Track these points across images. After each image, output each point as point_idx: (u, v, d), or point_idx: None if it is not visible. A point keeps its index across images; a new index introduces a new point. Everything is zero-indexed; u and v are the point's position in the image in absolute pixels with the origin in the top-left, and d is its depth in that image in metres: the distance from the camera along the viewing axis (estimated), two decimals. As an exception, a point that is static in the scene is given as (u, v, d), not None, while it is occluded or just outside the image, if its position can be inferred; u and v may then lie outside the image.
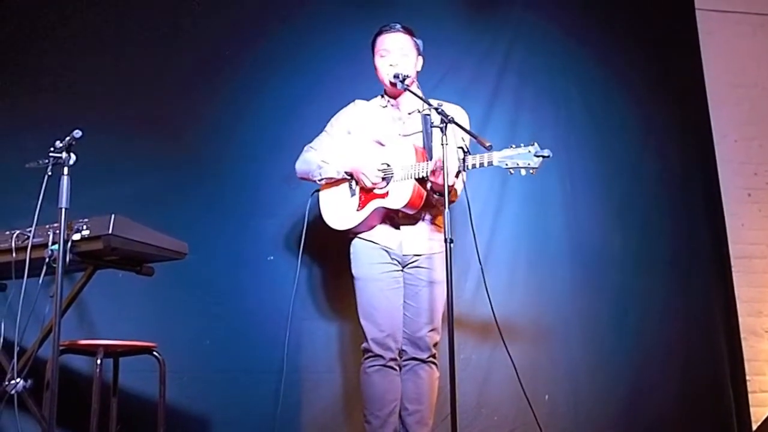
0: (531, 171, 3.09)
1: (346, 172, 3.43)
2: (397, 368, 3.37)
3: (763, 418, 4.29)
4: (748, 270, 4.89)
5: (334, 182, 3.49)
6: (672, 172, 4.85)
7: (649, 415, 4.40)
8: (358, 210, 3.39)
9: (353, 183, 3.44)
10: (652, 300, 4.60)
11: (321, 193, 3.53)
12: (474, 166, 3.13)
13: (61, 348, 2.75)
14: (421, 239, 3.39)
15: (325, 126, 3.59)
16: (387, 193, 3.33)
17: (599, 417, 4.34)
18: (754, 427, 4.42)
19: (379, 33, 3.49)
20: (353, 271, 3.43)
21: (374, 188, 3.36)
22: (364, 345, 3.36)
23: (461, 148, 3.05)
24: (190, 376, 3.75)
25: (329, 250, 3.79)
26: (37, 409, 2.87)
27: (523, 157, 3.08)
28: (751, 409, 4.58)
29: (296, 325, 3.94)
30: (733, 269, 4.81)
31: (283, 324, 3.97)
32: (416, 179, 3.26)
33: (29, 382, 2.72)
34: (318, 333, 4.10)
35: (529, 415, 3.61)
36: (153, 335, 3.34)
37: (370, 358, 3.34)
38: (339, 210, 3.45)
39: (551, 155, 3.07)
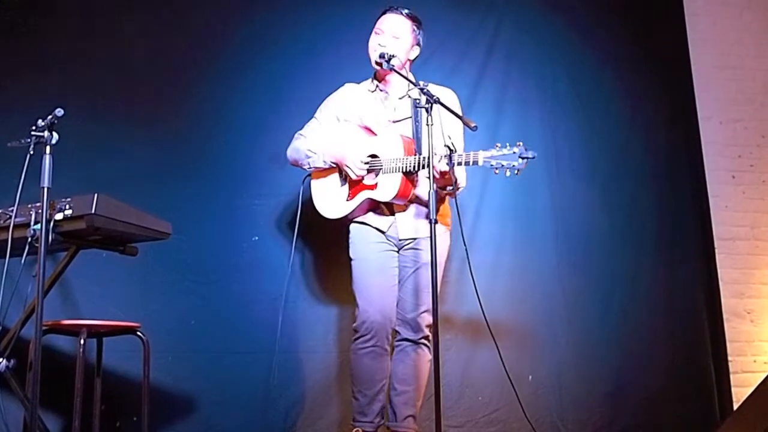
0: (516, 172, 3.11)
1: (332, 163, 3.43)
2: (388, 348, 3.39)
3: (744, 398, 4.33)
4: (732, 251, 4.91)
5: (324, 171, 3.50)
6: (657, 153, 4.87)
7: (633, 395, 4.44)
8: (348, 200, 3.41)
9: (342, 173, 3.45)
10: (636, 281, 4.63)
11: (313, 181, 3.55)
12: (459, 164, 3.15)
13: (44, 328, 2.74)
14: (415, 223, 3.41)
15: (315, 110, 3.58)
16: (376, 185, 3.34)
17: (583, 397, 4.37)
18: (736, 407, 4.46)
19: (383, 12, 3.50)
20: (351, 254, 3.46)
21: (361, 179, 3.37)
22: (357, 323, 3.38)
23: (447, 146, 3.07)
24: (174, 357, 3.75)
25: (320, 233, 3.77)
26: (21, 389, 2.86)
27: (508, 158, 3.11)
28: (733, 390, 4.62)
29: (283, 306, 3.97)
30: (716, 251, 4.83)
31: (269, 304, 4.00)
32: (403, 173, 3.27)
33: (12, 362, 2.72)
34: (306, 314, 4.09)
35: (513, 396, 3.64)
36: (137, 315, 3.33)
37: (361, 339, 3.36)
38: (330, 199, 3.47)
39: (536, 156, 3.10)
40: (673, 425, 4.45)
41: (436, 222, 2.93)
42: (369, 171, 3.37)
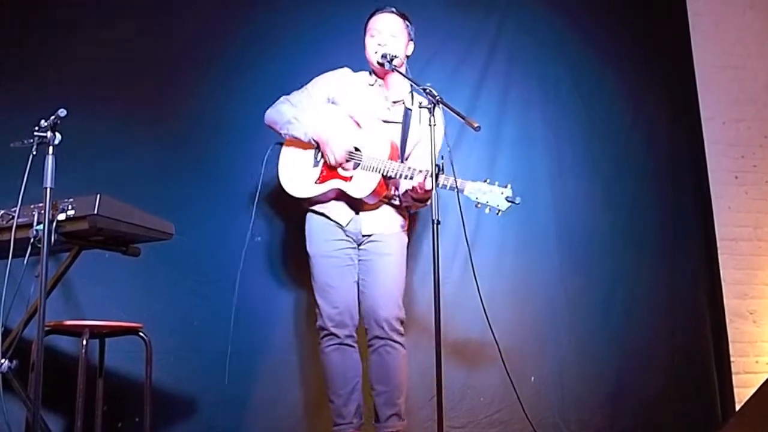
0: (497, 212, 3.14)
1: (313, 139, 3.40)
2: (355, 345, 3.39)
3: (746, 399, 4.32)
4: (734, 252, 4.91)
5: (300, 144, 3.46)
6: (659, 154, 4.86)
7: (635, 395, 4.44)
8: (316, 182, 3.39)
9: (318, 153, 3.43)
10: (638, 282, 4.63)
11: (284, 150, 3.52)
12: (444, 186, 3.14)
13: (46, 328, 2.75)
14: (378, 220, 3.43)
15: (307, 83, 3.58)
16: (350, 177, 3.33)
17: (585, 397, 4.37)
18: (738, 408, 4.45)
19: (372, 14, 3.50)
20: (308, 249, 3.46)
21: (338, 167, 3.36)
22: (319, 323, 3.39)
23: (437, 165, 3.04)
24: (177, 357, 3.74)
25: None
26: (23, 389, 2.86)
27: (494, 197, 3.13)
28: (735, 390, 4.62)
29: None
30: (719, 251, 4.83)
31: (271, 304, 3.99)
32: (383, 175, 3.29)
33: (14, 362, 2.71)
34: (306, 313, 4.08)
35: (515, 396, 3.63)
36: (140, 316, 3.34)
37: (326, 337, 3.37)
38: (298, 175, 3.44)
39: (520, 203, 3.11)
40: (674, 426, 4.44)
41: (439, 223, 2.90)
42: (347, 161, 3.36)
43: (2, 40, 3.94)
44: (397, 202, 3.47)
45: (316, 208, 3.44)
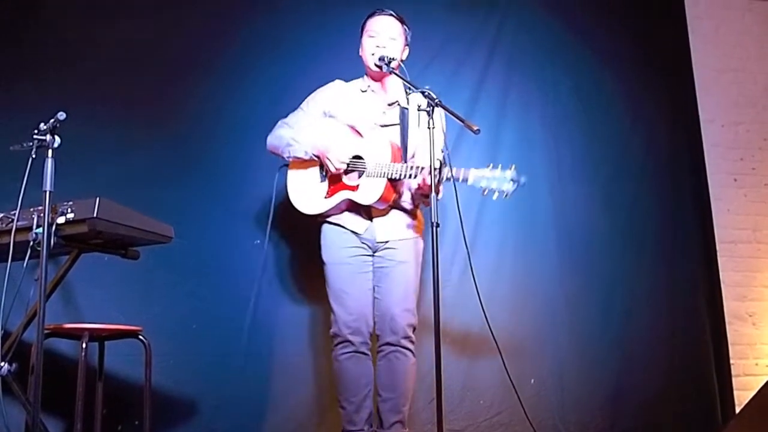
0: (504, 196, 3.12)
1: (314, 155, 3.41)
2: (369, 353, 3.38)
3: (746, 401, 4.32)
4: (734, 255, 4.92)
5: (304, 163, 3.47)
6: (659, 156, 4.87)
7: (634, 397, 4.45)
8: (326, 197, 3.39)
9: (322, 168, 3.43)
10: (638, 284, 4.63)
11: (290, 172, 3.51)
12: (449, 179, 3.12)
13: (46, 332, 2.75)
14: (392, 226, 3.41)
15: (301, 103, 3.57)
16: (357, 186, 3.33)
17: (585, 399, 4.37)
18: (738, 410, 4.46)
19: (371, 15, 3.49)
20: (323, 257, 3.44)
21: (341, 176, 3.36)
22: (333, 330, 3.37)
23: (439, 160, 3.03)
24: (176, 360, 3.73)
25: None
26: (22, 392, 2.86)
27: (499, 180, 3.11)
28: (735, 393, 4.63)
29: (279, 308, 4.01)
30: (718, 254, 4.84)
31: (272, 308, 3.98)
32: (388, 179, 3.28)
33: (14, 365, 2.70)
34: (309, 316, 4.08)
35: (515, 399, 3.63)
36: (139, 319, 3.34)
37: (341, 345, 3.35)
38: (307, 193, 3.45)
39: (526, 182, 3.10)
40: (674, 427, 4.45)
41: (438, 226, 2.89)
42: (351, 171, 3.36)
43: (2, 40, 3.93)
44: (409, 206, 3.45)
45: (330, 219, 3.43)
